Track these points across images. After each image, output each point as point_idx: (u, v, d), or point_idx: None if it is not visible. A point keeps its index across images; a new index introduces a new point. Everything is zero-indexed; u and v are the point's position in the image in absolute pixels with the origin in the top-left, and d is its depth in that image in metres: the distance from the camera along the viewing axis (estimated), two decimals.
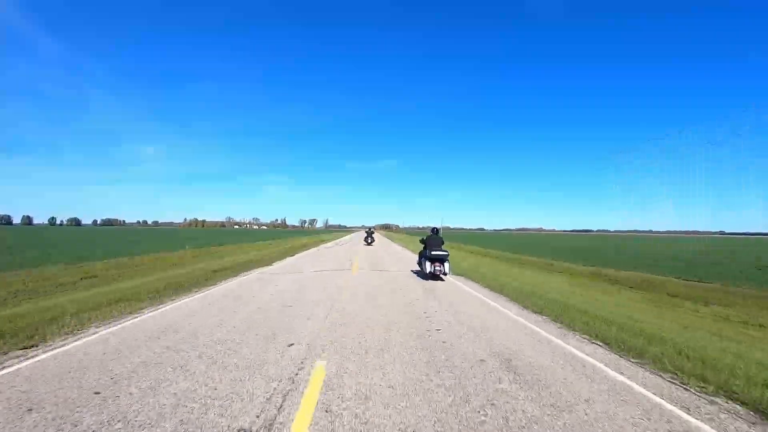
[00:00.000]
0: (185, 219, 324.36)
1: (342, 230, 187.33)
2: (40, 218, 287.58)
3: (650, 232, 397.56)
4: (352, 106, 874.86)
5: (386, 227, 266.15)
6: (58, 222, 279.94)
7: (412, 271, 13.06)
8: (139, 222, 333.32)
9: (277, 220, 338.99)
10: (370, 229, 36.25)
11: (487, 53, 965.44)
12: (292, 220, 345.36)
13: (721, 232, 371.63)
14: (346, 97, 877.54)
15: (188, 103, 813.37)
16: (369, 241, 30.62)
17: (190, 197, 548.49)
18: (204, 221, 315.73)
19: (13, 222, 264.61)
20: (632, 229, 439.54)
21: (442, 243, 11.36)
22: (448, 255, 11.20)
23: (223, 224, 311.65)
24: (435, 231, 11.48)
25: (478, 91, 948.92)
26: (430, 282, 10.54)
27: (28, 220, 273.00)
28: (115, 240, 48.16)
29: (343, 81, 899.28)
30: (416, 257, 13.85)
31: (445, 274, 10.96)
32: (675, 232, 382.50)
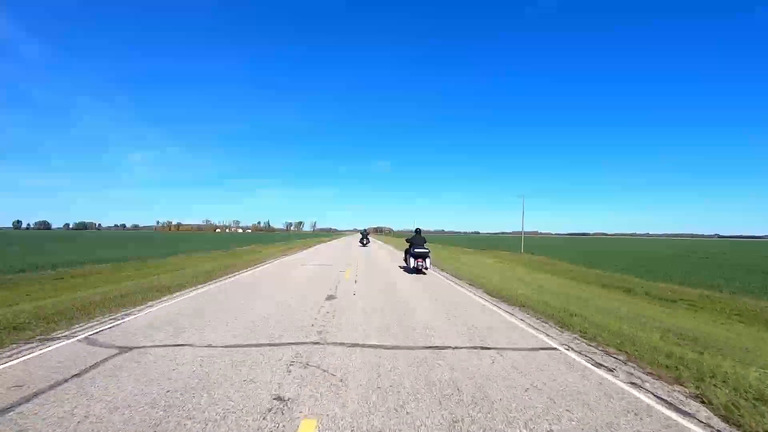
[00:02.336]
0: (158, 222, 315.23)
1: (329, 234, 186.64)
2: (2, 222, 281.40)
3: (647, 234, 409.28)
4: (344, 108, 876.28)
5: (379, 230, 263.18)
6: (24, 226, 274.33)
7: (399, 266, 15.68)
8: (116, 226, 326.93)
9: (260, 222, 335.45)
10: (365, 230, 38.66)
11: (482, 54, 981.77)
12: (278, 223, 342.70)
13: (717, 235, 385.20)
14: (338, 99, 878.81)
15: (174, 106, 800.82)
16: (365, 242, 35.87)
17: (175, 201, 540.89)
18: (179, 224, 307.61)
19: None
20: (631, 231, 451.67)
21: (424, 242, 14.01)
22: (429, 252, 13.86)
23: (200, 227, 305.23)
24: (417, 231, 14.12)
25: (472, 92, 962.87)
26: None
27: None
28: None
29: (335, 83, 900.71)
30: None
31: (426, 268, 13.61)
32: (674, 234, 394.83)
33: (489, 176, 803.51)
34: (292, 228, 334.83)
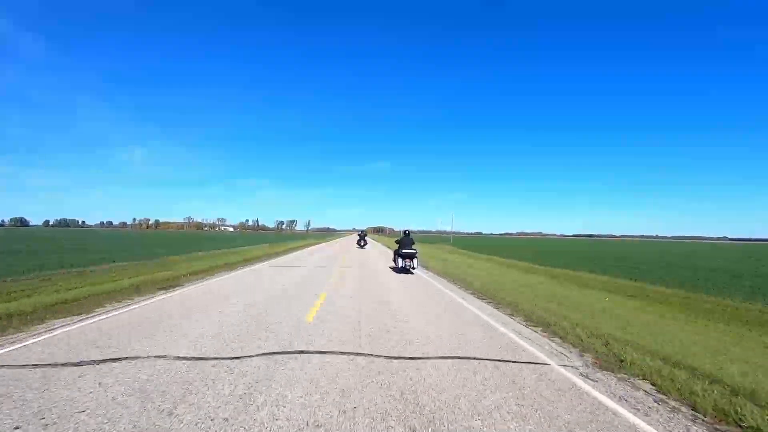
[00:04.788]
0: (134, 219, 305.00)
1: (324, 235, 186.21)
2: None
3: (656, 237, 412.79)
4: (344, 108, 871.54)
5: (379, 230, 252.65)
6: None
7: (390, 267, 17.22)
8: (102, 223, 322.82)
9: (247, 221, 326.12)
10: (362, 232, 38.21)
11: (484, 53, 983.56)
12: (268, 221, 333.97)
13: (724, 238, 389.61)
14: (338, 97, 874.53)
15: (168, 105, 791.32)
16: (362, 244, 34.84)
17: (168, 199, 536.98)
18: (157, 222, 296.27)
19: None
20: (639, 234, 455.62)
21: (413, 243, 15.52)
22: (417, 253, 15.38)
23: (182, 226, 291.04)
24: (406, 233, 15.62)
25: (474, 93, 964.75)
26: None
27: None
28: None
29: (334, 83, 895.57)
30: None
31: (413, 268, 15.13)
32: (682, 237, 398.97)
33: (490, 177, 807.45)
34: (284, 227, 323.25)
